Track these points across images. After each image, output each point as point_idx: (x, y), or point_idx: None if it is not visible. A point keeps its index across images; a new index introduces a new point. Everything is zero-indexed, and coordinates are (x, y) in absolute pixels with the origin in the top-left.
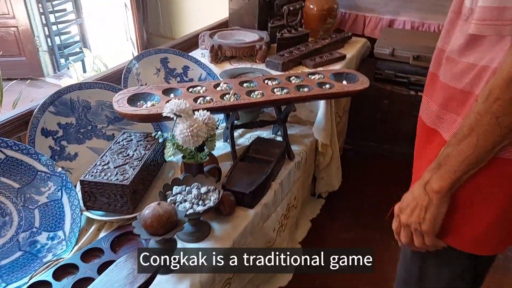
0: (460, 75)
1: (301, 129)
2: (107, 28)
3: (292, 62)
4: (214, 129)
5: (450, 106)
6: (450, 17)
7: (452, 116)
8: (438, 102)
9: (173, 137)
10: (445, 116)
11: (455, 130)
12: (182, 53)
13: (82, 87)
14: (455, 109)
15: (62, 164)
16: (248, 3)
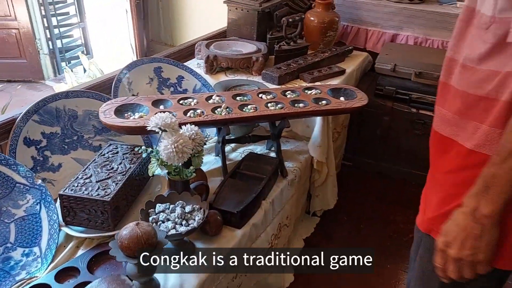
0: (481, 82)
1: (296, 144)
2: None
3: (289, 75)
4: (201, 145)
5: (471, 114)
6: (460, 26)
7: (474, 124)
8: (453, 110)
9: (157, 153)
10: (464, 124)
11: (480, 138)
12: (176, 63)
13: (69, 95)
14: (477, 116)
15: (45, 175)
16: (247, 13)
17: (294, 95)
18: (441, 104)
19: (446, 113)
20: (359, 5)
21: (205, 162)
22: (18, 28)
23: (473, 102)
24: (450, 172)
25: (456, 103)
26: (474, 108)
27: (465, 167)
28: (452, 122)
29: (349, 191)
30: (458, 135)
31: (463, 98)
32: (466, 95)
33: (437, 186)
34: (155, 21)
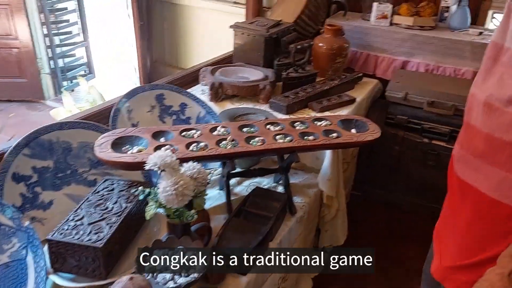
0: (509, 126)
1: (305, 177)
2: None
3: (298, 104)
4: (204, 184)
5: (496, 159)
6: (487, 63)
7: (497, 171)
8: (475, 153)
9: (155, 194)
10: (487, 170)
11: (504, 188)
12: (179, 90)
13: (63, 126)
14: (503, 164)
15: (34, 213)
16: (254, 39)
17: (303, 126)
18: (461, 144)
19: (466, 155)
20: (368, 30)
21: (208, 197)
22: (19, 47)
23: (499, 147)
24: (471, 222)
25: (478, 145)
26: (499, 154)
27: (489, 219)
28: (473, 166)
29: (359, 223)
30: (479, 181)
31: (487, 141)
32: (491, 138)
33: (456, 234)
34: (159, 43)
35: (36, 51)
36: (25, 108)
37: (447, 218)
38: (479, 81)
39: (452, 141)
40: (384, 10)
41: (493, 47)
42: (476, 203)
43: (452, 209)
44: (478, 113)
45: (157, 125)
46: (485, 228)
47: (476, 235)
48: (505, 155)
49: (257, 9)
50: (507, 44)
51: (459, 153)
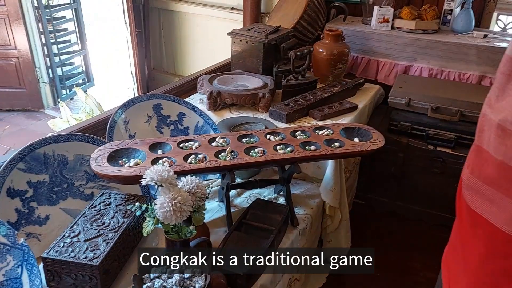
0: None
1: (307, 187)
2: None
3: (298, 112)
4: (203, 199)
5: (507, 188)
6: (500, 80)
7: (507, 201)
8: (487, 181)
9: (152, 211)
10: (501, 202)
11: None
12: (177, 99)
13: (58, 139)
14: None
15: (30, 229)
16: (252, 45)
17: (304, 136)
18: (471, 169)
19: (477, 182)
20: (369, 35)
21: (207, 209)
22: (18, 57)
23: (510, 175)
24: (484, 259)
25: (491, 173)
26: (509, 182)
27: (503, 256)
28: (485, 196)
29: (362, 232)
30: (493, 214)
31: (501, 170)
32: (506, 167)
33: (467, 268)
34: (157, 50)
35: (35, 60)
36: (24, 118)
37: (456, 247)
38: (493, 100)
39: (458, 147)
40: (385, 14)
41: (507, 62)
42: (489, 237)
43: (461, 239)
44: (491, 137)
45: (155, 135)
46: (499, 265)
47: (489, 273)
48: None
49: (255, 15)
50: None
51: (469, 179)
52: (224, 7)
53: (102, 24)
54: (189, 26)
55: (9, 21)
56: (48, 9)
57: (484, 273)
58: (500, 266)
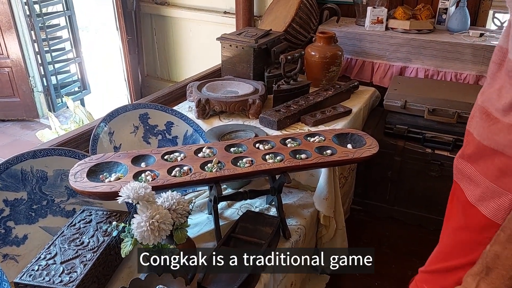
0: (499, 135)
1: (299, 196)
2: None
3: (289, 119)
4: (185, 215)
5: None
6: (492, 68)
7: (482, 179)
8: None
9: (129, 231)
10: (476, 178)
11: (485, 198)
12: (164, 108)
13: (36, 155)
14: (489, 173)
15: (7, 250)
16: (242, 50)
17: (295, 143)
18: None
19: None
20: (363, 36)
21: (196, 222)
22: (11, 66)
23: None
24: (457, 228)
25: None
26: (488, 163)
27: (470, 227)
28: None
29: (360, 240)
30: (468, 188)
31: (479, 149)
32: (481, 146)
33: (442, 238)
34: (150, 56)
35: (28, 69)
36: (19, 128)
37: None
38: (485, 87)
39: (456, 150)
40: (379, 14)
41: (498, 51)
42: (463, 209)
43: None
44: (477, 121)
45: (141, 146)
46: (465, 235)
47: (456, 241)
48: (494, 164)
49: (247, 18)
50: (509, 54)
51: (457, 160)
52: (216, 11)
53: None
54: (182, 31)
55: (1, 30)
56: (41, 17)
57: (450, 243)
58: (466, 236)
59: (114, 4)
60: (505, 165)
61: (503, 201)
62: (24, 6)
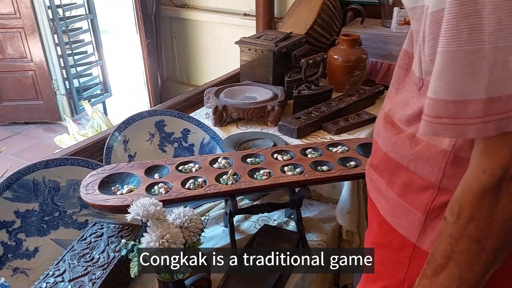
0: (401, 148)
1: (321, 209)
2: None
3: (310, 126)
4: (198, 233)
5: (391, 182)
6: (399, 74)
7: (392, 194)
8: (377, 170)
9: (138, 250)
10: (385, 192)
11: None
12: (181, 115)
13: (49, 164)
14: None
15: (17, 263)
16: (261, 54)
17: (316, 154)
18: (369, 160)
19: (371, 173)
20: (389, 38)
21: (211, 236)
22: (34, 70)
23: (394, 168)
24: (370, 242)
25: (379, 163)
26: (394, 177)
27: (383, 244)
28: (377, 185)
29: None
30: (380, 202)
31: (385, 161)
32: (387, 158)
33: None
34: (170, 59)
35: (51, 72)
36: (42, 130)
37: None
38: (393, 93)
39: None
40: (406, 15)
41: (404, 56)
42: (379, 224)
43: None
44: (380, 129)
45: (157, 155)
46: (386, 253)
47: (379, 260)
48: (399, 178)
49: (268, 20)
50: (413, 67)
51: (368, 169)
52: (236, 13)
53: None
54: (201, 34)
55: (25, 34)
56: (64, 21)
57: (380, 258)
58: (384, 255)
59: (134, 7)
60: (410, 180)
61: (413, 219)
62: (48, 10)
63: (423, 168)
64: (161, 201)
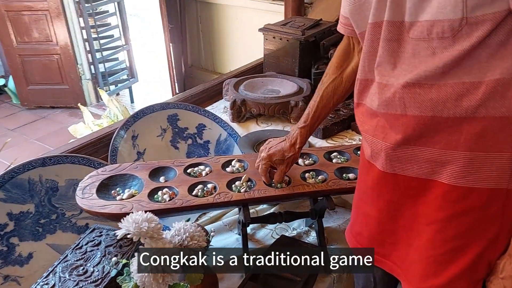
0: (449, 99)
1: (345, 218)
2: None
3: (338, 125)
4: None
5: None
6: (390, 47)
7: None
8: (398, 142)
9: (128, 274)
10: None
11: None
12: (196, 108)
13: (46, 162)
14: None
15: (8, 270)
16: (287, 43)
17: (342, 159)
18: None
19: (390, 147)
20: None
21: (223, 244)
22: (60, 53)
23: (438, 125)
24: (434, 222)
25: (407, 131)
26: (440, 133)
27: (450, 216)
28: (403, 158)
29: None
30: (407, 169)
31: (419, 125)
32: (437, 121)
33: (419, 246)
34: (195, 46)
35: (76, 56)
36: (67, 115)
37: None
38: (388, 69)
39: None
40: None
41: (390, 27)
42: (444, 198)
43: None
44: (396, 100)
45: (169, 151)
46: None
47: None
48: (464, 133)
49: (297, 6)
50: (410, 18)
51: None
52: None
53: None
54: (228, 20)
55: (50, 17)
56: (90, 3)
57: (442, 240)
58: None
59: None
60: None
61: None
62: None
63: (502, 104)
64: (165, 209)
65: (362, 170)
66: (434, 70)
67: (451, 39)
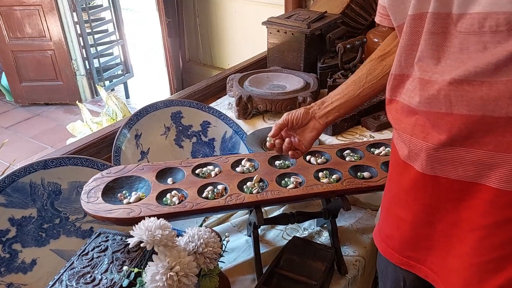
0: (498, 99)
1: (358, 217)
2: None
3: (347, 121)
4: (216, 258)
5: (488, 142)
6: (434, 40)
7: None
8: (443, 142)
9: (141, 283)
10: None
11: None
12: (200, 105)
13: (48, 165)
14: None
15: (11, 278)
16: (292, 37)
17: (355, 156)
18: (421, 137)
19: (432, 148)
20: None
21: (232, 247)
22: (54, 49)
23: (488, 125)
24: (479, 228)
25: (452, 131)
26: (490, 134)
27: (505, 220)
28: (446, 159)
29: None
30: (449, 171)
31: (466, 124)
32: (488, 121)
33: (461, 253)
34: (192, 40)
35: (71, 52)
36: (63, 112)
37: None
38: (431, 65)
39: None
40: None
41: (435, 19)
42: (492, 204)
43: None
44: (442, 98)
45: (173, 150)
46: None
47: (500, 243)
48: (495, 133)
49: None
50: (457, 10)
51: (429, 148)
52: None
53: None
54: (226, 13)
55: (43, 12)
56: None
57: (489, 247)
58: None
59: None
60: None
61: None
62: None
63: None
64: (174, 213)
65: (395, 170)
66: (486, 66)
67: (506, 33)
